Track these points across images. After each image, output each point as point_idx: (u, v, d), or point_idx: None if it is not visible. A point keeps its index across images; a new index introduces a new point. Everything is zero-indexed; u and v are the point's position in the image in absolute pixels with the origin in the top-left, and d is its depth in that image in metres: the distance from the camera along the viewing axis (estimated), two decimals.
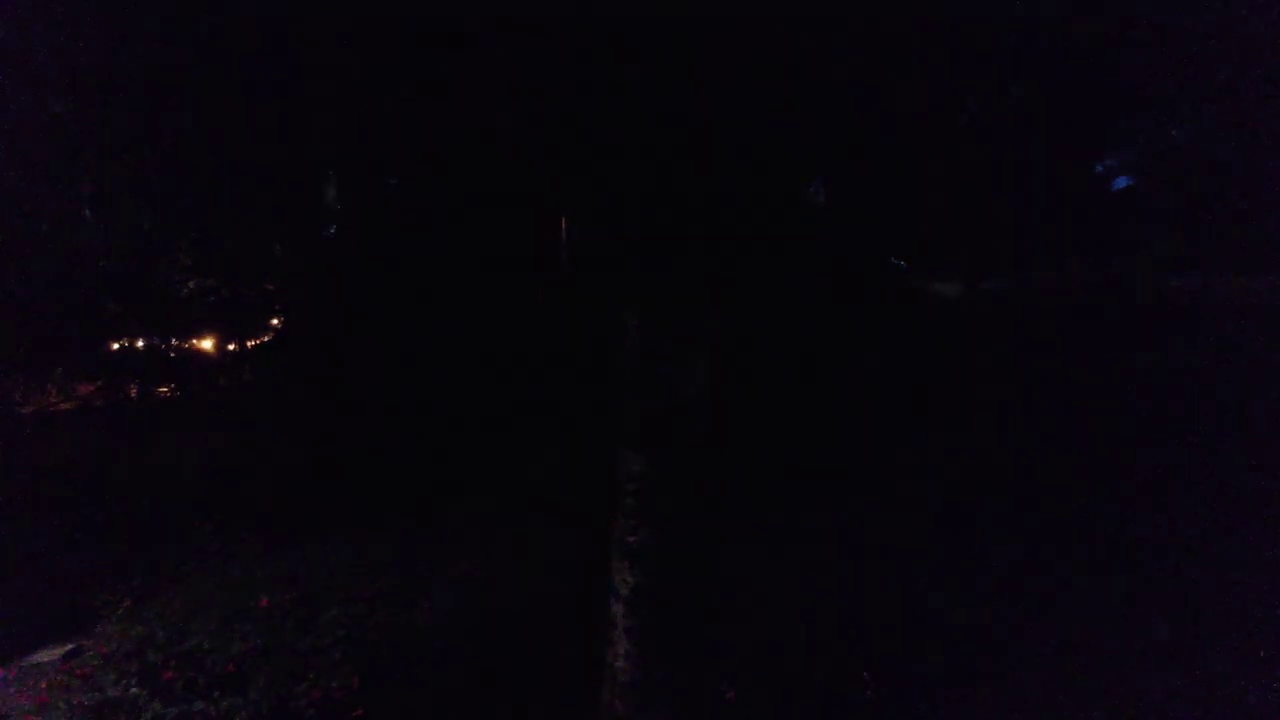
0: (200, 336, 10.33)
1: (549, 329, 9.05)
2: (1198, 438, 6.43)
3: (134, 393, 9.15)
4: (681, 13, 2.99)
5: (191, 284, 9.23)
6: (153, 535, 7.08)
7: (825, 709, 3.96)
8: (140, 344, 9.34)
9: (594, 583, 3.72)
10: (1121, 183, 10.74)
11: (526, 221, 8.76)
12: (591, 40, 3.17)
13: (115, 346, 9.42)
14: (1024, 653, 4.20)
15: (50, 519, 7.55)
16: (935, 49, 4.36)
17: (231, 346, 10.25)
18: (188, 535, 7.01)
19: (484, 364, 8.67)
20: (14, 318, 7.30)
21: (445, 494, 7.52)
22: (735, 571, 4.86)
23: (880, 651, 4.26)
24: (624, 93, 3.23)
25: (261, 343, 9.85)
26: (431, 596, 4.90)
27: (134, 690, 4.09)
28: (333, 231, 8.95)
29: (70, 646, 5.83)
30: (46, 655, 5.77)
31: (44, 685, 4.79)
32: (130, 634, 4.52)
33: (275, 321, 9.87)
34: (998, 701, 3.88)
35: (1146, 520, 5.40)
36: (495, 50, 3.49)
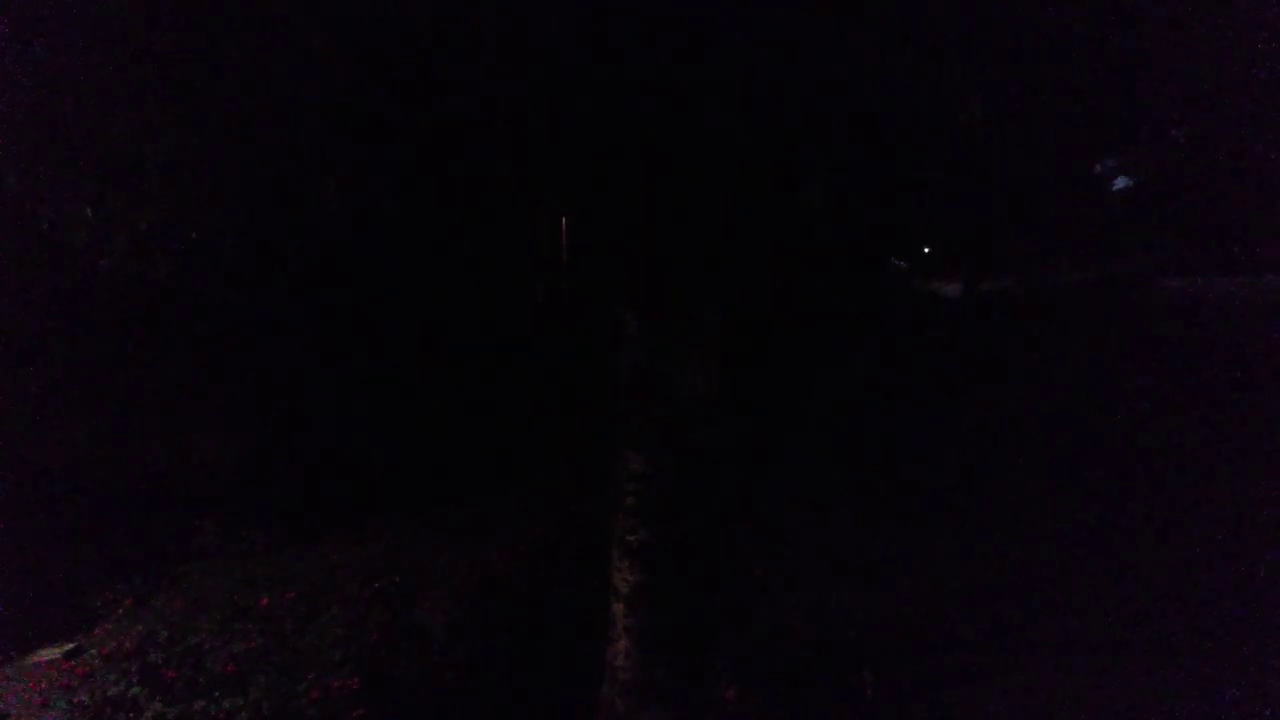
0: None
1: (549, 329, 9.06)
2: (1198, 436, 6.44)
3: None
4: (680, 13, 3.00)
5: (191, 284, 9.20)
6: (153, 535, 7.08)
7: (825, 709, 3.97)
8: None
9: (594, 582, 3.73)
10: (1121, 183, 10.75)
11: (527, 221, 8.77)
12: (591, 39, 3.17)
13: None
14: (1024, 653, 4.21)
15: (50, 519, 7.54)
16: (936, 48, 4.36)
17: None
18: (188, 535, 7.03)
19: (484, 364, 8.68)
20: (14, 317, 7.29)
21: (445, 494, 7.53)
22: (735, 570, 4.86)
23: (880, 651, 4.26)
24: (623, 92, 3.23)
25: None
26: (431, 596, 4.90)
27: (135, 689, 4.10)
28: (332, 231, 8.94)
29: (71, 645, 5.83)
30: (47, 654, 5.77)
31: (45, 684, 4.80)
32: (131, 633, 4.53)
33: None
34: (998, 701, 3.88)
35: (1146, 519, 5.41)
36: (495, 50, 3.49)
